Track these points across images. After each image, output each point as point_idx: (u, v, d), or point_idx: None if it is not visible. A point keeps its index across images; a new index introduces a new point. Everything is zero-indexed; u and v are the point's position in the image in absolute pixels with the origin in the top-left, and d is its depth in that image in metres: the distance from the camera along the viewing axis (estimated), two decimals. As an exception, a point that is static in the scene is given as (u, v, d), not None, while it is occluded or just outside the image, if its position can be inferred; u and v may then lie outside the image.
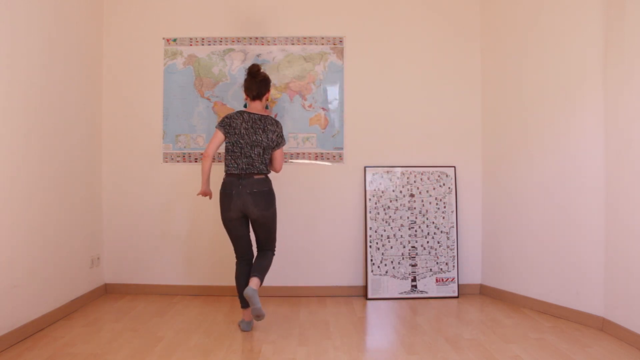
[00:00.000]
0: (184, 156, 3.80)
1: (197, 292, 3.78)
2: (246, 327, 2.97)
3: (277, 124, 3.00)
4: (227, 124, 2.93)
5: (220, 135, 2.94)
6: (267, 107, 2.95)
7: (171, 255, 3.81)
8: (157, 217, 3.81)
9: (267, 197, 2.94)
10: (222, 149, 3.66)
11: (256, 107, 3.01)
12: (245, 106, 2.99)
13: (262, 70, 3.04)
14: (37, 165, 2.92)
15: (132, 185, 3.81)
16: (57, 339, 2.77)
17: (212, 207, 3.79)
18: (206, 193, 2.98)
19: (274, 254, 3.08)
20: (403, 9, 3.86)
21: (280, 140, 3.00)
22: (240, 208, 2.88)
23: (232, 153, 2.92)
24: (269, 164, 3.00)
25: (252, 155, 2.90)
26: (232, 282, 3.77)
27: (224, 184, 2.93)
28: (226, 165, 2.95)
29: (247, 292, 2.74)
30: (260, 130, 2.92)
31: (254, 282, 2.81)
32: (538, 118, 3.36)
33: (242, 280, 2.95)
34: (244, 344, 2.74)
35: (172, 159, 3.81)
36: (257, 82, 2.98)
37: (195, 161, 3.80)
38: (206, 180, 2.96)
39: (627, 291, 2.76)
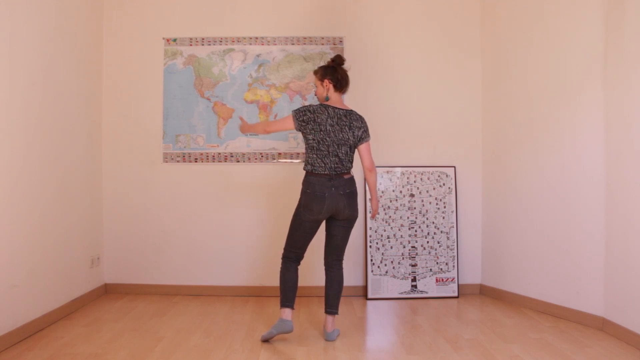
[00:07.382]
0: (184, 156, 3.80)
1: (197, 292, 3.78)
2: (281, 328, 2.73)
3: (362, 119, 2.82)
4: (312, 119, 2.72)
5: (290, 125, 2.78)
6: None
7: (171, 255, 3.80)
8: (157, 217, 3.80)
9: (356, 197, 2.82)
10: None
11: (338, 100, 2.82)
12: (326, 99, 2.82)
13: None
14: (37, 165, 2.92)
15: (132, 185, 3.81)
16: (57, 339, 2.77)
17: (212, 206, 3.79)
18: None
19: (342, 268, 2.90)
20: (403, 8, 3.86)
21: (365, 135, 2.79)
22: (331, 210, 2.74)
23: (318, 151, 2.74)
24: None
25: (340, 154, 2.74)
26: (231, 282, 3.78)
27: (312, 184, 2.73)
28: (310, 164, 2.76)
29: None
30: (346, 128, 2.74)
31: (329, 320, 2.82)
32: (538, 118, 3.36)
33: (289, 276, 2.80)
34: (243, 344, 2.74)
35: (172, 159, 3.81)
36: (346, 72, 2.82)
37: (195, 161, 3.80)
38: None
39: (627, 291, 2.76)
